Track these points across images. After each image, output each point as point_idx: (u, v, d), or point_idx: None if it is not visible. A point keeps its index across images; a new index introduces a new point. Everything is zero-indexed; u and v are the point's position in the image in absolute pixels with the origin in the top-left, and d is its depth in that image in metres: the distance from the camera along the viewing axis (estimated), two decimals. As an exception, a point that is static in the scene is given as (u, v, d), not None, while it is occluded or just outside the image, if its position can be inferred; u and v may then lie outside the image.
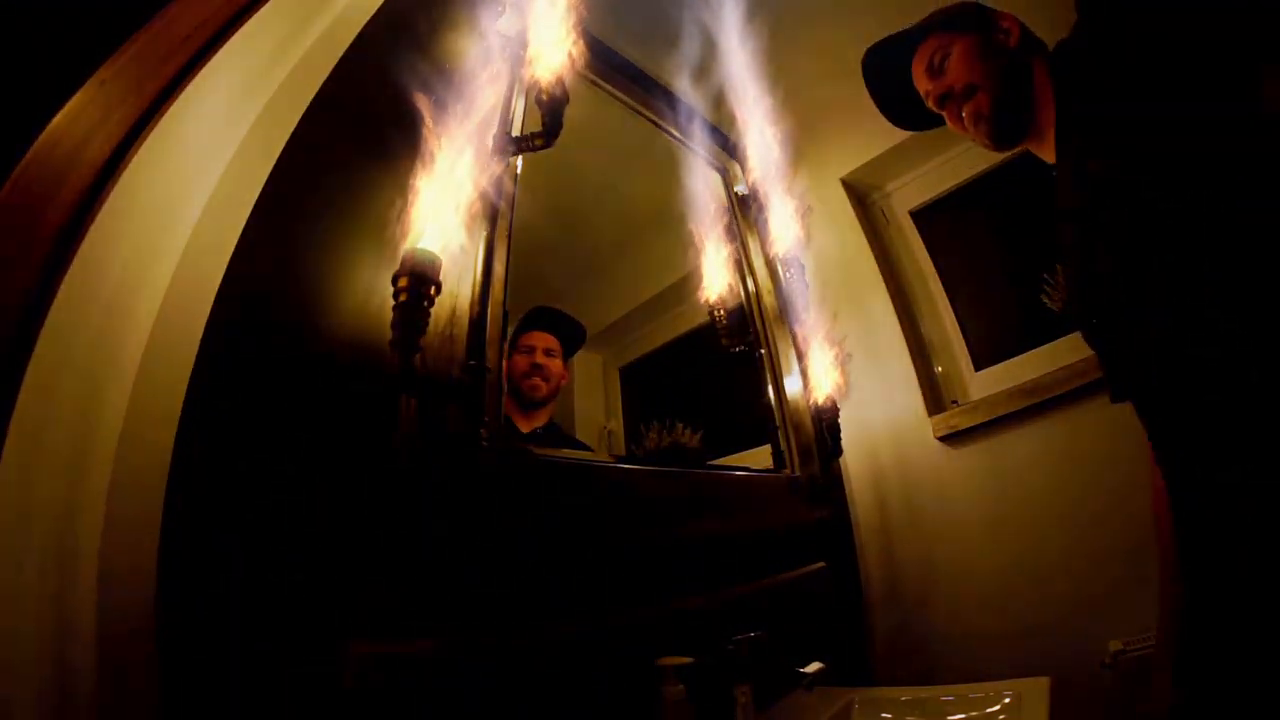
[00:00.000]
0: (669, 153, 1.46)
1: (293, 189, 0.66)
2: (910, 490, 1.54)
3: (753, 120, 1.55)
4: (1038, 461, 1.37)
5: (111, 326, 0.55)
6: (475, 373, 0.73)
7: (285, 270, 0.64)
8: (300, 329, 0.64)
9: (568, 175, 1.23)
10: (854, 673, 1.34)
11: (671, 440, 1.23)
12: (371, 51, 0.79)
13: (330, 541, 0.59)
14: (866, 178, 1.80)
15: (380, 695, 0.55)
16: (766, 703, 0.98)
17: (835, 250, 1.75)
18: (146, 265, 0.58)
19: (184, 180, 0.62)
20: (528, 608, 0.74)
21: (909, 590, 1.48)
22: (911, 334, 1.64)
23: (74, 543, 0.48)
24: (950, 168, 1.72)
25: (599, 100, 1.30)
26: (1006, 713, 0.92)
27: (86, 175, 0.54)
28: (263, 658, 0.52)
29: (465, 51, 0.91)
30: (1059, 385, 1.34)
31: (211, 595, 0.51)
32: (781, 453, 1.36)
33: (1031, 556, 1.33)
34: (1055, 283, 1.44)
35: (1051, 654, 1.24)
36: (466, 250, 0.79)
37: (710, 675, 0.83)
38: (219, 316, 0.56)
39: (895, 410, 1.59)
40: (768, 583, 1.09)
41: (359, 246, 0.71)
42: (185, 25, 0.61)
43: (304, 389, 0.62)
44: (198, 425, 0.53)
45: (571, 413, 1.31)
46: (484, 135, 0.82)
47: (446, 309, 0.75)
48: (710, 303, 1.24)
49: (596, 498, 0.87)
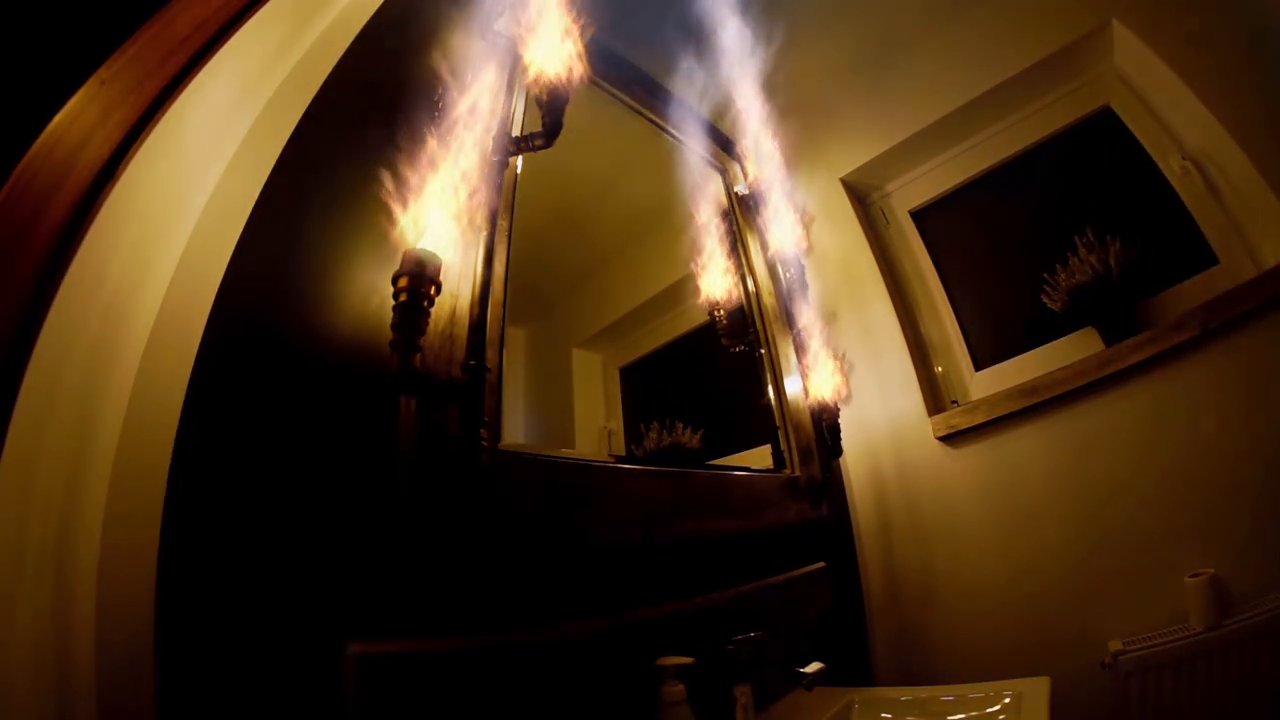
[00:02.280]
0: (669, 153, 1.46)
1: (292, 189, 0.66)
2: (910, 490, 1.54)
3: (753, 120, 1.55)
4: (1037, 461, 1.37)
5: (111, 326, 0.55)
6: (475, 373, 0.73)
7: (285, 270, 0.64)
8: (300, 329, 0.64)
9: (568, 175, 1.23)
10: (854, 673, 1.34)
11: (671, 440, 1.23)
12: (371, 52, 0.79)
13: (330, 541, 0.59)
14: (866, 178, 1.80)
15: (380, 695, 0.55)
16: (766, 703, 0.98)
17: (835, 250, 1.75)
18: (146, 265, 0.58)
19: (184, 180, 0.62)
20: (528, 608, 0.74)
21: (909, 590, 1.48)
22: (911, 334, 1.64)
23: (73, 543, 0.48)
24: (950, 168, 1.72)
25: (599, 100, 1.30)
26: (1006, 713, 0.92)
27: (86, 175, 0.54)
28: (263, 658, 0.52)
29: (465, 52, 0.91)
30: (1059, 385, 1.34)
31: (211, 595, 0.51)
32: (781, 453, 1.36)
33: (1031, 556, 1.33)
34: (1055, 283, 1.44)
35: (1051, 654, 1.24)
36: (466, 250, 0.79)
37: (710, 675, 0.83)
38: (219, 316, 0.56)
39: (895, 410, 1.59)
40: (768, 583, 1.09)
41: (359, 246, 0.71)
42: (185, 25, 0.61)
43: (304, 389, 0.62)
44: (197, 425, 0.53)
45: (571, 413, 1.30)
46: (484, 135, 0.82)
47: (446, 309, 0.75)
48: (710, 303, 1.24)
49: (596, 498, 0.87)
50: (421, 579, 0.64)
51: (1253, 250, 1.24)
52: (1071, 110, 1.53)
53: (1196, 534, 1.15)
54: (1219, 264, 1.29)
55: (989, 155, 1.65)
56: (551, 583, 0.78)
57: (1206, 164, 1.30)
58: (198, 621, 0.50)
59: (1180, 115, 1.33)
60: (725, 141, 1.61)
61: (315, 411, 0.62)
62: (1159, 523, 1.19)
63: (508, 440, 0.81)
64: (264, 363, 0.60)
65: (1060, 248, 1.44)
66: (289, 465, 0.58)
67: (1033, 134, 1.58)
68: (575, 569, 0.81)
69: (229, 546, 0.53)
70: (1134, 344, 1.26)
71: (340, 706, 0.54)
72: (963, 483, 1.46)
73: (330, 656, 0.55)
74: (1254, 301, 1.13)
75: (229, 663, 0.51)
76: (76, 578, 0.48)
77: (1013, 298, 1.59)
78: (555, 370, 1.27)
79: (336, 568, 0.58)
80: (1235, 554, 1.10)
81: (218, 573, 0.52)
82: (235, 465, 0.55)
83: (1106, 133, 1.47)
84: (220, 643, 0.51)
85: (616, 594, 0.85)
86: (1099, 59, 1.45)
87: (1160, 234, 1.36)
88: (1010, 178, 1.64)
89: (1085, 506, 1.28)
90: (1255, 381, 1.13)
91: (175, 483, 0.51)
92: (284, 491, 0.57)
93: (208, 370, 0.54)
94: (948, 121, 1.62)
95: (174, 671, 0.48)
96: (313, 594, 0.56)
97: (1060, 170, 1.56)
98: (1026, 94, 1.55)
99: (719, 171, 1.60)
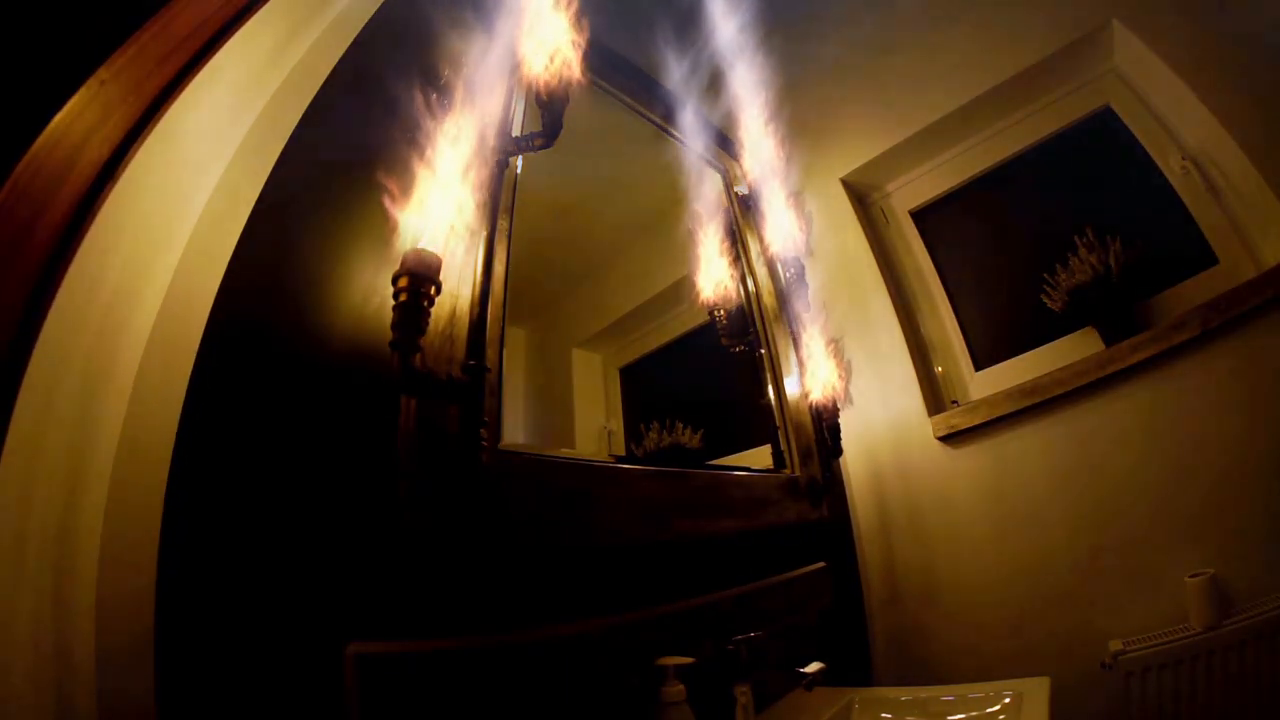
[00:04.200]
0: (669, 153, 1.46)
1: (292, 189, 0.66)
2: (910, 490, 1.54)
3: (753, 121, 1.55)
4: (1038, 461, 1.37)
5: (111, 327, 0.55)
6: (475, 373, 0.73)
7: (285, 270, 0.64)
8: (300, 329, 0.64)
9: (568, 175, 1.23)
10: (854, 673, 1.34)
11: (671, 440, 1.23)
12: (371, 52, 0.79)
13: (330, 541, 0.59)
14: (866, 178, 1.80)
15: (380, 695, 0.55)
16: (766, 703, 0.98)
17: (835, 250, 1.75)
18: (146, 265, 0.58)
19: (184, 180, 0.62)
20: (527, 608, 0.74)
21: (909, 590, 1.48)
22: (911, 334, 1.64)
23: (73, 543, 0.48)
24: (950, 168, 1.72)
25: (599, 100, 1.30)
26: (1006, 713, 0.92)
27: (86, 175, 0.54)
28: (262, 658, 0.52)
29: (465, 51, 0.91)
30: (1059, 385, 1.34)
31: (211, 596, 0.51)
32: (781, 453, 1.36)
33: (1031, 556, 1.33)
34: (1055, 283, 1.44)
35: (1051, 654, 1.24)
36: (466, 250, 0.79)
37: (710, 675, 0.83)
38: (219, 316, 0.56)
39: (895, 410, 1.59)
40: (768, 583, 1.09)
41: (359, 246, 0.71)
42: (185, 25, 0.61)
43: (304, 388, 0.62)
44: (197, 425, 0.53)
45: (571, 413, 1.30)
46: (484, 135, 0.82)
47: (446, 309, 0.75)
48: (710, 303, 1.24)
49: (596, 498, 0.87)
50: (421, 579, 0.64)
51: (1253, 250, 1.24)
52: (1071, 110, 1.53)
53: (1196, 534, 1.15)
54: (1219, 264, 1.29)
55: (989, 155, 1.65)
56: (551, 583, 0.78)
57: (1206, 164, 1.30)
58: (198, 622, 0.50)
59: (1180, 115, 1.33)
60: (725, 141, 1.61)
61: (315, 411, 0.62)
62: (1159, 523, 1.19)
63: (508, 440, 0.81)
64: (264, 362, 0.60)
65: (1060, 248, 1.44)
66: (289, 465, 0.58)
67: (1033, 134, 1.58)
68: (575, 569, 0.81)
69: (229, 546, 0.53)
70: (1134, 344, 1.26)
71: (340, 706, 0.54)
72: (963, 483, 1.46)
73: (330, 656, 0.55)
74: (1254, 301, 1.13)
75: (229, 663, 0.51)
76: (76, 577, 0.48)
77: (1013, 298, 1.59)
78: (555, 370, 1.27)
79: (336, 568, 0.58)
80: (1235, 554, 1.10)
81: (218, 573, 0.52)
82: (235, 465, 0.55)
83: (1107, 133, 1.47)
84: (220, 643, 0.51)
85: (617, 594, 0.85)
86: (1099, 59, 1.45)
87: (1160, 234, 1.36)
88: (1010, 178, 1.64)
89: (1085, 506, 1.28)
90: (1255, 381, 1.13)
91: (175, 482, 0.51)
92: (284, 491, 0.57)
93: (208, 370, 0.55)
94: (948, 121, 1.62)
95: (174, 671, 0.48)
96: (312, 594, 0.56)
97: (1060, 170, 1.56)
98: (1026, 94, 1.55)
99: (719, 171, 1.60)
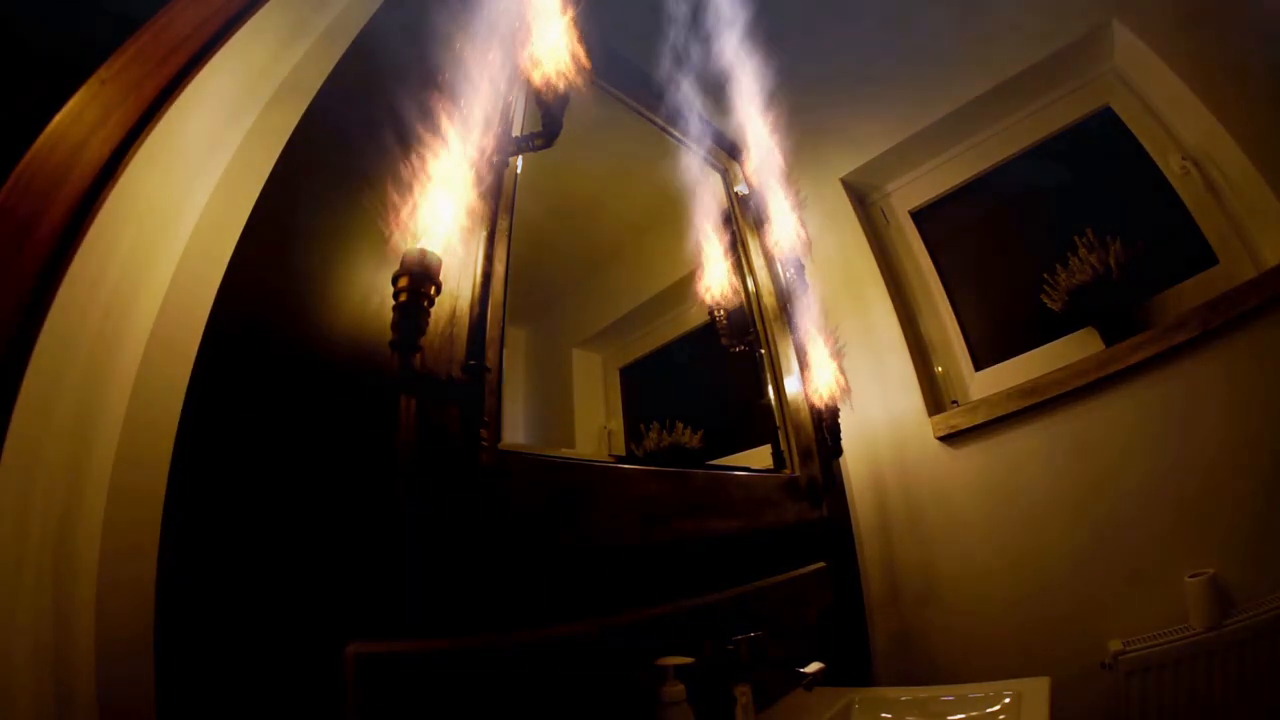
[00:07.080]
0: (669, 153, 1.46)
1: (292, 189, 0.66)
2: (910, 490, 1.54)
3: (753, 121, 1.55)
4: (1038, 461, 1.37)
5: (111, 327, 0.55)
6: (475, 373, 0.73)
7: (285, 270, 0.64)
8: (300, 328, 0.64)
9: (568, 175, 1.23)
10: (854, 673, 1.34)
11: (671, 440, 1.24)
12: (371, 51, 0.79)
13: (330, 541, 0.59)
14: (866, 178, 1.80)
15: (380, 695, 0.55)
16: (766, 703, 0.98)
17: (835, 250, 1.75)
18: (146, 266, 0.58)
19: (183, 181, 0.62)
20: (528, 608, 0.74)
21: (909, 590, 1.48)
22: (911, 334, 1.64)
23: (73, 543, 0.48)
24: (950, 168, 1.72)
25: (599, 100, 1.30)
26: (1006, 713, 0.91)
27: (86, 175, 0.54)
28: (262, 658, 0.52)
29: (466, 51, 0.91)
30: (1059, 385, 1.34)
31: (211, 596, 0.51)
32: (781, 453, 1.36)
33: (1031, 556, 1.33)
34: (1055, 283, 1.44)
35: (1051, 654, 1.24)
36: (466, 250, 0.79)
37: (710, 675, 0.83)
38: (219, 317, 0.56)
39: (895, 410, 1.59)
40: (768, 583, 1.09)
41: (359, 246, 0.71)
42: (185, 25, 0.61)
43: (304, 388, 0.62)
44: (197, 425, 0.53)
45: (571, 413, 1.30)
46: (484, 135, 0.82)
47: (446, 309, 0.75)
48: (710, 303, 1.24)
49: (596, 498, 0.87)
50: (421, 579, 0.64)
51: (1253, 250, 1.24)
52: (1071, 110, 1.53)
53: (1196, 534, 1.15)
54: (1219, 264, 1.29)
55: (989, 155, 1.65)
56: (551, 582, 0.78)
57: (1206, 164, 1.30)
58: (198, 622, 0.50)
59: (1180, 115, 1.33)
60: (725, 141, 1.61)
61: (315, 411, 0.62)
62: (1159, 522, 1.19)
63: (508, 440, 0.81)
64: (264, 362, 0.60)
65: (1060, 248, 1.44)
66: (289, 465, 0.58)
67: (1033, 134, 1.58)
68: (575, 569, 0.81)
69: (229, 546, 0.53)
70: (1134, 344, 1.26)
71: (340, 706, 0.54)
72: (963, 483, 1.46)
73: (330, 656, 0.55)
74: (1254, 301, 1.13)
75: (229, 663, 0.51)
76: (77, 577, 0.48)
77: (1013, 298, 1.59)
78: (555, 370, 1.27)
79: (336, 567, 0.58)
80: (1235, 554, 1.10)
81: (218, 573, 0.52)
82: (235, 465, 0.55)
83: (1106, 133, 1.47)
84: (220, 643, 0.51)
85: (617, 594, 0.85)
86: (1099, 59, 1.45)
87: (1160, 234, 1.36)
88: (1010, 178, 1.64)
89: (1085, 506, 1.28)
90: (1255, 381, 1.13)
91: (175, 482, 0.51)
92: (284, 491, 0.57)
93: (208, 370, 0.54)
94: (948, 121, 1.62)
95: (174, 671, 0.48)
96: (312, 593, 0.56)
97: (1060, 170, 1.56)
98: (1026, 94, 1.55)
99: (719, 171, 1.60)
